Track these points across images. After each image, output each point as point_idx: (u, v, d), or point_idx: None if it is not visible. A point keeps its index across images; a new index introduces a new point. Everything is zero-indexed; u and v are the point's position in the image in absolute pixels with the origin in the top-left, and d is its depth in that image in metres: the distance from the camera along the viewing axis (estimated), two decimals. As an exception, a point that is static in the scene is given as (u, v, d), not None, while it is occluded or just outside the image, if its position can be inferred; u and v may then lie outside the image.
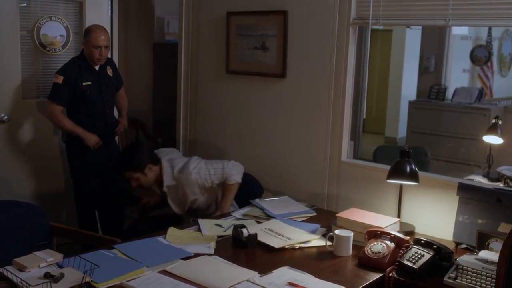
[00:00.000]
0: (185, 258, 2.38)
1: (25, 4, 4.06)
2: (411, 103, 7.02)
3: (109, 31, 4.40)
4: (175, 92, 4.12)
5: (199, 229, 2.78)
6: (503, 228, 2.52)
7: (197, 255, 2.43)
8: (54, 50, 4.16)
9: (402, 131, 7.82)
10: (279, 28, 3.43)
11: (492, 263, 2.17)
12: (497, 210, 2.60)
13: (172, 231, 2.71)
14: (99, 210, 3.96)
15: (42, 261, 2.20)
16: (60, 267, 2.21)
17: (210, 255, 2.44)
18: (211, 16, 3.82)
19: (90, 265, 2.09)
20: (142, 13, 5.64)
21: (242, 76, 3.69)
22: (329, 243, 2.56)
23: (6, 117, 3.93)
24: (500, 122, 3.51)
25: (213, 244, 2.57)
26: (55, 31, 4.18)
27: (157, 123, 5.66)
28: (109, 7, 4.45)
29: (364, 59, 3.67)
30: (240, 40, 3.65)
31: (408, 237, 2.53)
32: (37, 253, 2.27)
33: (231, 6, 3.69)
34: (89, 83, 3.70)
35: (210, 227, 2.80)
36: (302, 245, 2.61)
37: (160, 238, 2.62)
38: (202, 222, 2.86)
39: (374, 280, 2.29)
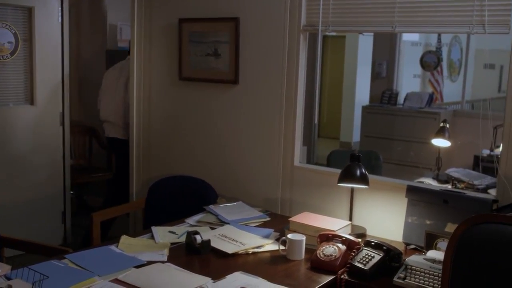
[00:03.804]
0: (138, 266, 2.36)
1: (-29, 11, 3.97)
2: (364, 108, 7.14)
3: (59, 38, 4.35)
4: (129, 99, 4.08)
5: (152, 237, 2.76)
6: (450, 228, 2.59)
7: (150, 262, 2.41)
8: (2, 58, 4.08)
9: (356, 136, 7.96)
10: (231, 35, 3.45)
11: (439, 262, 2.22)
12: (444, 210, 2.68)
13: (124, 239, 2.69)
14: None
15: (-11, 273, 2.16)
16: (8, 279, 2.16)
17: (163, 262, 2.43)
18: (163, 23, 3.81)
19: (39, 276, 2.05)
20: (94, 20, 5.58)
21: (196, 83, 3.69)
22: (282, 247, 2.58)
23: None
24: (447, 125, 3.62)
25: (166, 252, 2.56)
26: (3, 38, 4.10)
27: (111, 130, 5.58)
28: (60, 13, 4.38)
29: (316, 65, 3.73)
30: (192, 47, 3.65)
31: (359, 239, 2.58)
32: (-16, 265, 2.22)
33: (183, 13, 3.69)
34: None
35: (163, 235, 2.79)
36: (256, 250, 2.62)
37: (113, 247, 2.59)
38: (156, 229, 2.85)
39: (326, 283, 2.32)
